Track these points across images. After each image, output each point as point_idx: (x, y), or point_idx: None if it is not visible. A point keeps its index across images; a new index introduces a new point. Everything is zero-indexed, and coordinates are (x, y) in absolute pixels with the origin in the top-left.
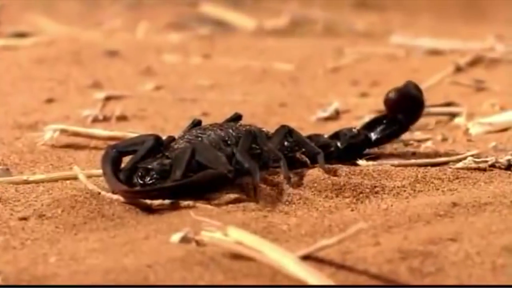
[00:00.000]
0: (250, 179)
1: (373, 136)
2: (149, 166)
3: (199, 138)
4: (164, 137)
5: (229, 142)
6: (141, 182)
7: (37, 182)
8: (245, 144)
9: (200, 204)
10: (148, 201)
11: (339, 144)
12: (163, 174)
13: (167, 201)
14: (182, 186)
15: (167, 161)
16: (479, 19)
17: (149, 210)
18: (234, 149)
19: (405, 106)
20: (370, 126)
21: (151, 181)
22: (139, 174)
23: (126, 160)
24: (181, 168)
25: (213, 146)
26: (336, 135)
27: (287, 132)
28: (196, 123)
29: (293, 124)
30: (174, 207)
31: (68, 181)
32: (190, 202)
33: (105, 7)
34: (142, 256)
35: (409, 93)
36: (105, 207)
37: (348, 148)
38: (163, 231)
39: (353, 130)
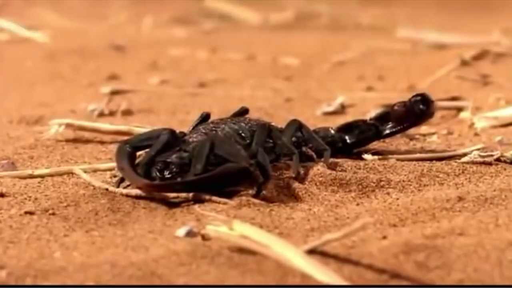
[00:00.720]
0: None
1: (384, 129)
2: (168, 160)
3: (214, 132)
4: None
5: (243, 135)
6: (160, 176)
7: (42, 176)
8: (261, 138)
9: (206, 198)
10: (165, 194)
11: (347, 138)
12: (183, 167)
13: (183, 194)
14: (204, 180)
15: (185, 155)
16: (485, 13)
17: (155, 204)
18: (249, 143)
19: (411, 121)
20: (383, 118)
21: (170, 175)
22: (158, 167)
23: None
24: (201, 161)
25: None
26: (347, 128)
27: (297, 126)
28: (205, 117)
29: (298, 119)
30: (180, 201)
31: (73, 176)
32: (198, 196)
33: (110, 1)
34: (148, 250)
35: (414, 109)
36: (110, 201)
37: (357, 143)
38: (169, 225)
39: (366, 121)
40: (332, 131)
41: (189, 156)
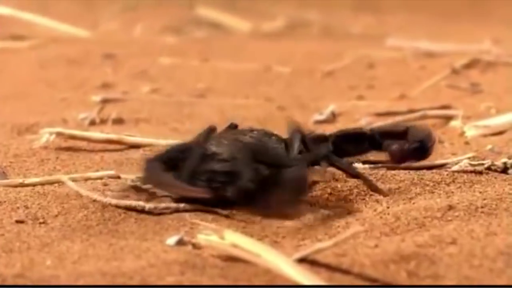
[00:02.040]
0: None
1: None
2: (214, 169)
3: (243, 141)
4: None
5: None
6: (208, 186)
7: (33, 185)
8: (299, 146)
9: (197, 207)
10: (156, 203)
11: (345, 147)
12: (228, 177)
13: (173, 204)
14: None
15: (228, 164)
16: (476, 22)
17: (146, 213)
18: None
19: (409, 160)
20: (384, 134)
21: (218, 185)
22: (204, 178)
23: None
24: (248, 170)
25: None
26: (345, 137)
27: (301, 136)
28: (211, 129)
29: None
30: (171, 210)
31: (64, 185)
32: (187, 205)
33: (101, 9)
34: (138, 259)
35: (409, 156)
36: (101, 211)
37: (354, 154)
38: (159, 234)
39: (365, 133)
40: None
41: (233, 165)
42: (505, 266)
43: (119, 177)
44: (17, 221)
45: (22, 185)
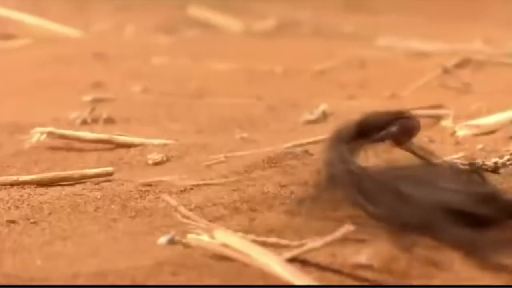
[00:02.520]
0: None
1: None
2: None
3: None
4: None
5: None
6: None
7: (24, 184)
8: None
9: (188, 207)
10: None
11: None
12: None
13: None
14: None
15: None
16: (467, 22)
17: (138, 213)
18: None
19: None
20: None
21: None
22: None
23: None
24: None
25: None
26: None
27: None
28: None
29: (281, 127)
30: (163, 209)
31: (56, 184)
32: (177, 204)
33: (93, 9)
34: (130, 259)
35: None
36: (93, 210)
37: None
38: (151, 234)
39: None
40: None
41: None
42: (496, 266)
43: (111, 174)
44: (9, 221)
45: (13, 184)
